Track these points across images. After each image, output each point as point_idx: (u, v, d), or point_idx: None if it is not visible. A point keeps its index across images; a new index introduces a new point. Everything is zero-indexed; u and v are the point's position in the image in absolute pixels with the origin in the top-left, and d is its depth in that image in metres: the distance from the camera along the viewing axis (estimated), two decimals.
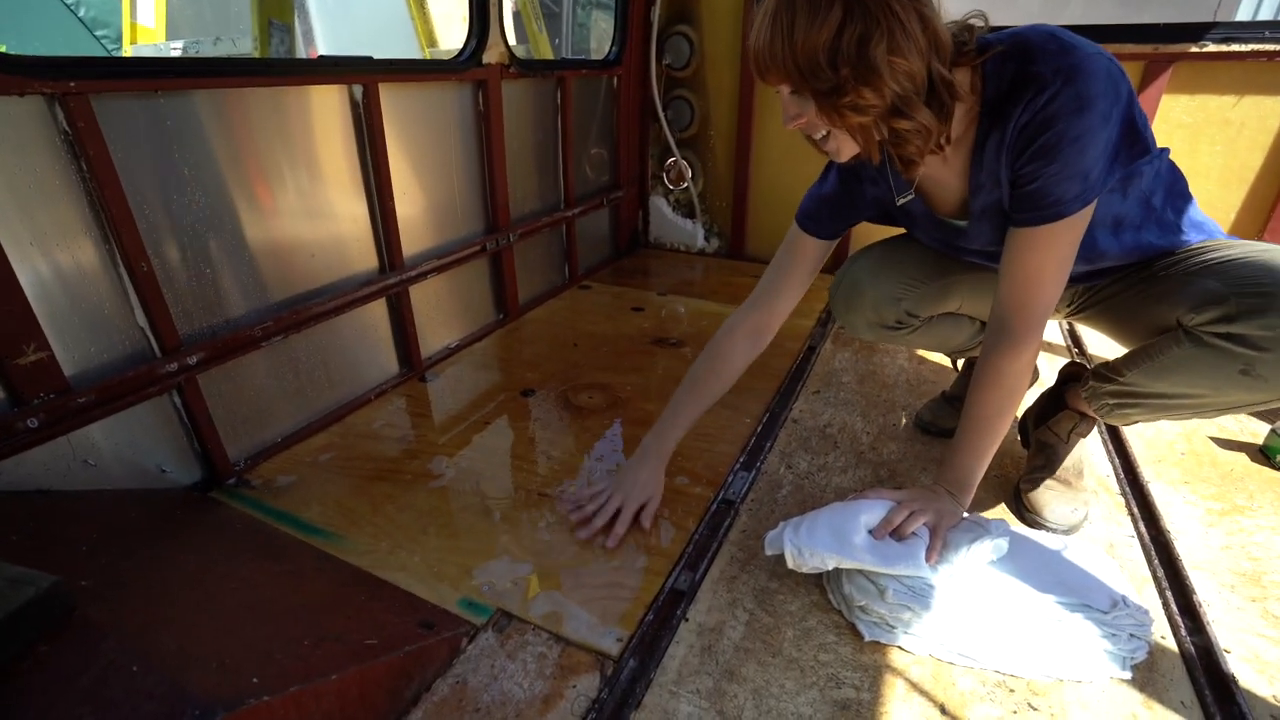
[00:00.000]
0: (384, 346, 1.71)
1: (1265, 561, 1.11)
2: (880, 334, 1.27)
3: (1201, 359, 0.94)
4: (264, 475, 1.34)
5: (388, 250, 1.63)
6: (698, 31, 2.50)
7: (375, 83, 1.47)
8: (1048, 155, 0.84)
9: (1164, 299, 1.00)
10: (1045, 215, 0.88)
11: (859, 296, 1.22)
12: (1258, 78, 1.82)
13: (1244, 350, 0.89)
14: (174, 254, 1.19)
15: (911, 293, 1.20)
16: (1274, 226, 1.92)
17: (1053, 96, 0.81)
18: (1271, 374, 0.89)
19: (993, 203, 0.96)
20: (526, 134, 2.09)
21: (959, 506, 1.03)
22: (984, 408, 1.00)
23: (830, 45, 0.76)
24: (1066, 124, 0.82)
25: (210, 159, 1.22)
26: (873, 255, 1.24)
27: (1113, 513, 1.24)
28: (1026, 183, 0.88)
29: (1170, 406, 1.04)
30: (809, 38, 0.77)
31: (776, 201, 2.61)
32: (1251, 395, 0.94)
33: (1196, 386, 0.98)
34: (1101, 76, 0.81)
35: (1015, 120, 0.85)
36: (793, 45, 0.78)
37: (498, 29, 1.80)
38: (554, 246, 2.35)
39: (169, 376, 1.17)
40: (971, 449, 1.02)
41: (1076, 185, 0.85)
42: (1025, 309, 0.95)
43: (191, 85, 1.15)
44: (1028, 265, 0.92)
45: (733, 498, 1.26)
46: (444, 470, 1.36)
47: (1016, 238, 0.93)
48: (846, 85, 0.78)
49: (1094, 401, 1.14)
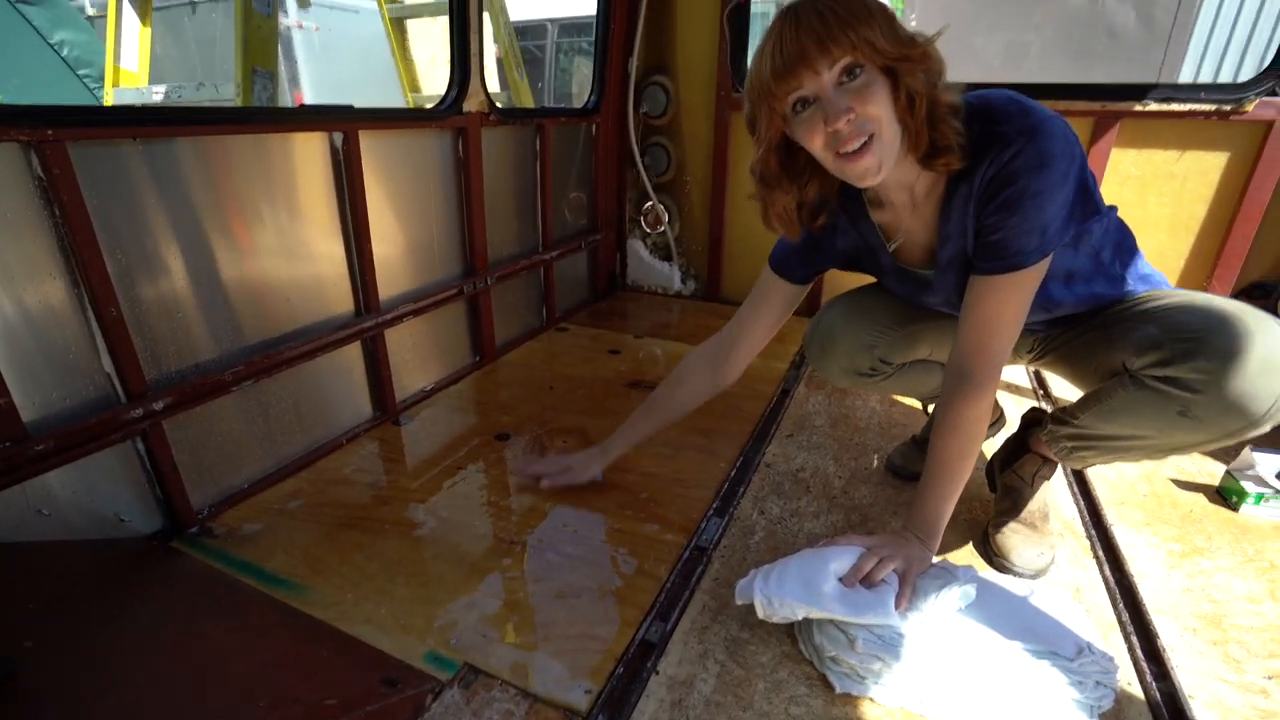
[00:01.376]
0: (358, 389, 1.70)
1: (1225, 604, 1.13)
2: (855, 380, 1.30)
3: (1144, 401, 0.99)
4: (229, 523, 1.31)
5: (364, 294, 1.63)
6: (674, 82, 2.59)
7: (355, 130, 1.50)
8: (1010, 208, 0.89)
9: (1112, 345, 1.05)
10: (1006, 265, 0.93)
11: (833, 345, 1.25)
12: (1197, 134, 1.93)
13: (1180, 392, 0.94)
14: (146, 298, 1.18)
15: (884, 339, 1.23)
16: (1220, 274, 2.01)
17: (1016, 153, 0.86)
18: (1206, 415, 0.93)
19: (958, 253, 1.00)
20: (506, 179, 2.12)
21: (927, 552, 1.04)
22: (946, 453, 1.02)
23: (886, 12, 0.82)
24: (1029, 180, 0.87)
25: (188, 204, 1.23)
26: (844, 304, 1.28)
27: (1079, 555, 1.26)
28: (990, 233, 0.92)
29: (1122, 448, 1.07)
30: (873, 13, 0.81)
31: (751, 246, 2.67)
32: (1192, 436, 0.97)
33: (1142, 428, 1.02)
34: (1060, 138, 0.87)
35: (982, 174, 0.90)
36: (870, 11, 0.81)
37: (478, 78, 1.85)
38: (532, 289, 2.37)
39: (133, 422, 1.15)
40: (935, 494, 1.04)
41: (1035, 239, 0.90)
42: (983, 354, 0.98)
43: (170, 133, 1.16)
44: (987, 311, 0.96)
45: (705, 544, 1.26)
46: (415, 517, 1.34)
47: (977, 285, 0.97)
48: (912, 43, 0.83)
49: (1053, 445, 1.17)
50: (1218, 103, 1.86)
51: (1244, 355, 0.88)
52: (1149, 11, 4.08)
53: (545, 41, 7.83)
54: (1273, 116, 1.81)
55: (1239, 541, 1.29)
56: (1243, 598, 1.14)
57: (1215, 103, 1.86)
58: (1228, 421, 0.92)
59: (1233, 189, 1.94)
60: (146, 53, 2.27)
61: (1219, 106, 1.86)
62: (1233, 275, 2.01)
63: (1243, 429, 0.91)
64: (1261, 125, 1.84)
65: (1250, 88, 1.82)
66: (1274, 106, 1.81)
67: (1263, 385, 0.87)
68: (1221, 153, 1.93)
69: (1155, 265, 1.94)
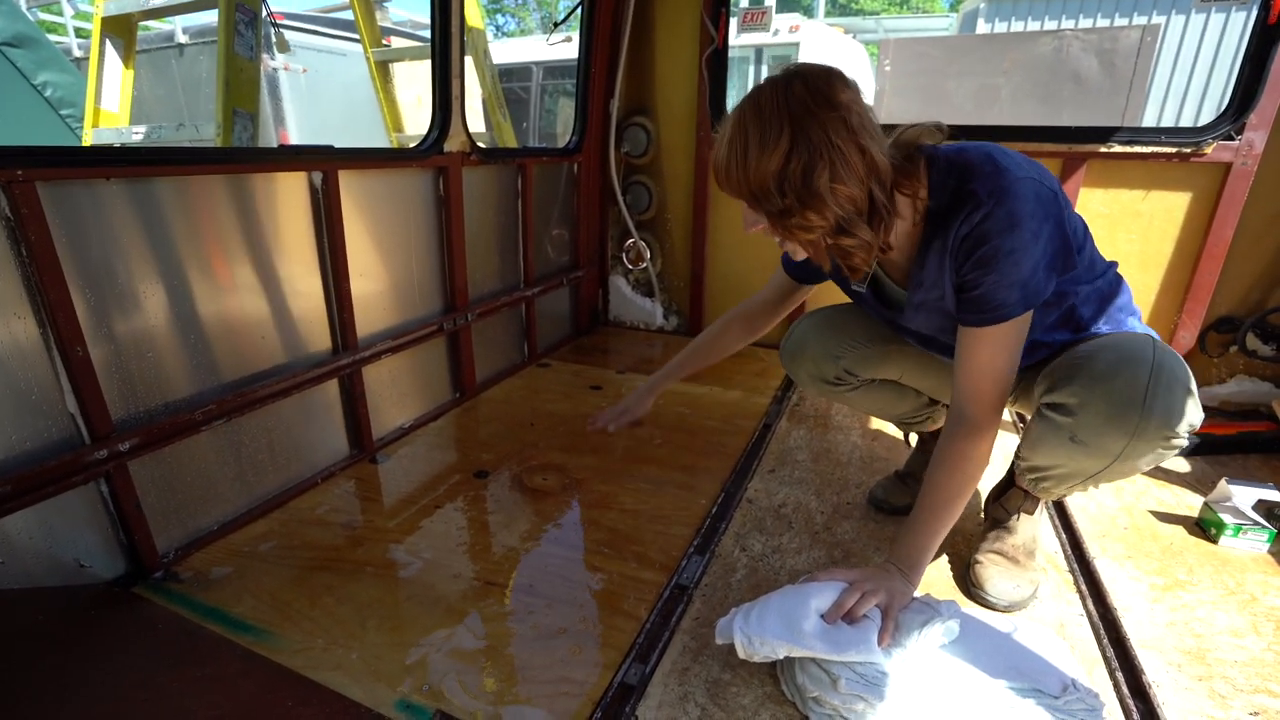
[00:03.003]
0: (334, 427, 1.67)
1: (1208, 638, 1.12)
2: (823, 389, 1.34)
3: (1045, 432, 1.04)
4: (196, 567, 1.27)
5: (341, 331, 1.62)
6: (654, 123, 2.65)
7: (335, 170, 1.51)
8: (986, 266, 0.92)
9: (1038, 375, 1.10)
10: (989, 318, 0.95)
11: (802, 351, 1.32)
12: (1161, 175, 2.00)
13: (1063, 418, 0.99)
14: (115, 337, 1.16)
15: (851, 352, 1.28)
16: (1189, 308, 2.05)
17: (986, 215, 0.89)
18: (1089, 438, 0.98)
19: (931, 299, 1.03)
20: (487, 217, 2.14)
21: (910, 585, 1.03)
22: (942, 490, 1.02)
23: (779, 173, 0.84)
24: (1000, 240, 0.90)
25: (162, 243, 1.22)
26: (820, 316, 1.34)
27: (1062, 590, 1.25)
28: (971, 289, 0.95)
29: (1063, 477, 1.10)
30: (760, 166, 0.84)
31: (732, 281, 2.70)
32: (1094, 461, 1.01)
33: (1055, 458, 1.06)
34: (1029, 199, 0.89)
35: (956, 230, 0.93)
36: (746, 171, 0.86)
37: (459, 119, 1.87)
38: (513, 325, 2.37)
39: (97, 464, 1.12)
40: (925, 529, 1.03)
41: (1015, 293, 0.92)
42: (979, 398, 1.00)
43: (144, 173, 1.16)
44: (979, 359, 0.99)
45: (686, 583, 1.23)
46: (390, 558, 1.31)
47: (966, 336, 0.99)
48: (794, 209, 0.86)
49: (1022, 478, 1.20)
50: (1178, 145, 1.93)
51: (1113, 375, 0.94)
52: (1110, 60, 4.27)
53: (530, 83, 8.01)
54: (1229, 159, 1.89)
55: (1220, 574, 1.29)
56: (1226, 631, 1.14)
57: (1176, 145, 1.94)
58: (1110, 441, 0.96)
59: (1197, 227, 2.01)
60: (128, 94, 2.29)
61: (1179, 149, 1.93)
62: (1202, 309, 2.05)
63: (1129, 446, 0.96)
64: (1220, 167, 1.91)
65: (1207, 132, 1.89)
66: (1230, 150, 1.88)
67: (1129, 399, 0.92)
68: (1184, 192, 2.00)
69: None
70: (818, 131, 0.82)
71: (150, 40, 5.49)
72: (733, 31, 2.49)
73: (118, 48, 2.21)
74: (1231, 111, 1.87)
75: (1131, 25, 5.13)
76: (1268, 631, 1.14)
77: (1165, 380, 0.93)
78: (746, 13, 2.32)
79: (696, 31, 2.44)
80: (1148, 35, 4.14)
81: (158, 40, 5.52)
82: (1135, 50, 4.22)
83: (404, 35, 6.29)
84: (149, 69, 5.50)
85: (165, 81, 5.93)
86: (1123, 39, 4.25)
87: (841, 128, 0.83)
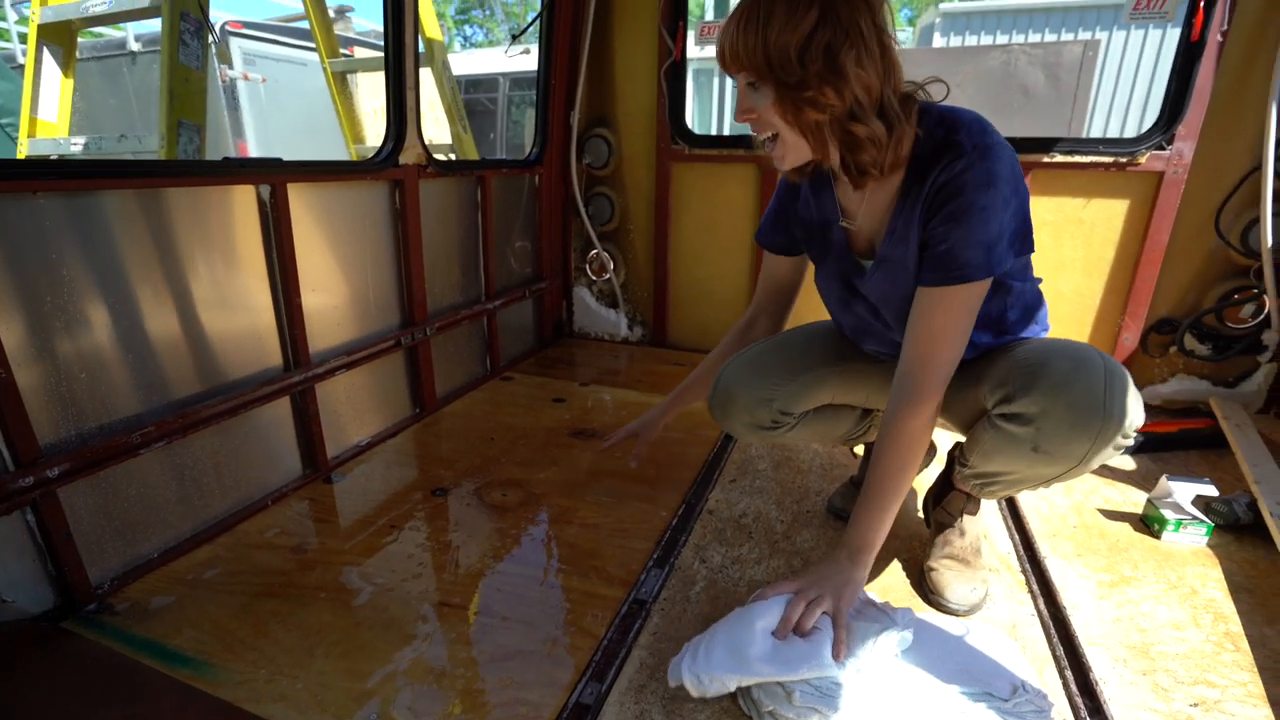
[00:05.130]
0: (286, 446, 1.62)
1: (1151, 632, 1.15)
2: (761, 435, 1.29)
3: (1003, 442, 1.04)
4: (133, 597, 1.22)
5: (293, 347, 1.58)
6: (615, 134, 2.66)
7: (283, 183, 1.47)
8: (956, 219, 0.92)
9: (979, 384, 1.10)
10: (951, 277, 0.95)
11: (731, 403, 1.26)
12: (1100, 184, 2.07)
13: (1024, 429, 1.00)
14: (46, 358, 1.11)
15: (780, 391, 1.24)
16: (1132, 310, 2.13)
17: (966, 166, 0.91)
18: (1054, 447, 0.99)
19: (898, 255, 1.03)
20: (447, 230, 2.12)
21: (858, 573, 1.02)
22: (884, 468, 1.02)
23: (802, 44, 0.85)
24: (974, 194, 0.91)
25: (99, 260, 1.18)
26: (741, 362, 1.28)
27: (1014, 590, 1.27)
28: (937, 243, 0.95)
29: (1013, 482, 1.12)
30: (783, 34, 0.86)
31: (695, 292, 2.71)
32: (1055, 468, 1.03)
33: (1013, 465, 1.07)
34: (1008, 164, 0.92)
35: (933, 179, 0.94)
36: (766, 38, 0.86)
37: (415, 131, 1.85)
38: (475, 338, 2.34)
39: (22, 492, 1.06)
40: (873, 506, 1.03)
41: (980, 254, 0.93)
42: (927, 365, 0.99)
43: (79, 187, 1.12)
44: (933, 323, 0.99)
45: (645, 597, 1.22)
46: (342, 582, 1.27)
47: (924, 298, 0.99)
48: (811, 81, 0.87)
49: (965, 482, 1.21)
50: (1114, 155, 2.01)
51: (1071, 383, 0.96)
52: (1055, 73, 4.43)
53: (497, 94, 8.00)
54: (1162, 168, 1.97)
55: (1162, 569, 1.33)
56: (1167, 625, 1.17)
57: (1113, 155, 2.01)
58: (1074, 447, 0.98)
59: (1135, 233, 2.08)
60: (67, 103, 2.20)
61: (1116, 159, 2.00)
62: (1143, 310, 2.13)
63: (1092, 450, 0.97)
64: (1154, 175, 1.99)
65: (1140, 142, 1.97)
66: (1162, 159, 1.96)
67: (1091, 404, 0.94)
68: (1122, 200, 2.07)
69: (1073, 305, 2.07)
70: (846, 11, 0.85)
71: (102, 48, 5.34)
72: (691, 44, 2.51)
73: (56, 55, 2.13)
74: (1162, 123, 1.95)
75: (1074, 41, 5.33)
76: (1206, 623, 1.17)
77: (1118, 383, 0.96)
78: (704, 25, 2.35)
79: (655, 44, 2.46)
80: (1089, 50, 4.31)
81: (109, 48, 5.37)
82: (1078, 64, 4.39)
83: (367, 45, 6.22)
84: (101, 77, 5.34)
85: (118, 90, 5.76)
86: (1066, 53, 4.41)
87: (869, 17, 0.87)
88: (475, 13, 29.36)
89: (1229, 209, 1.96)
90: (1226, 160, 1.93)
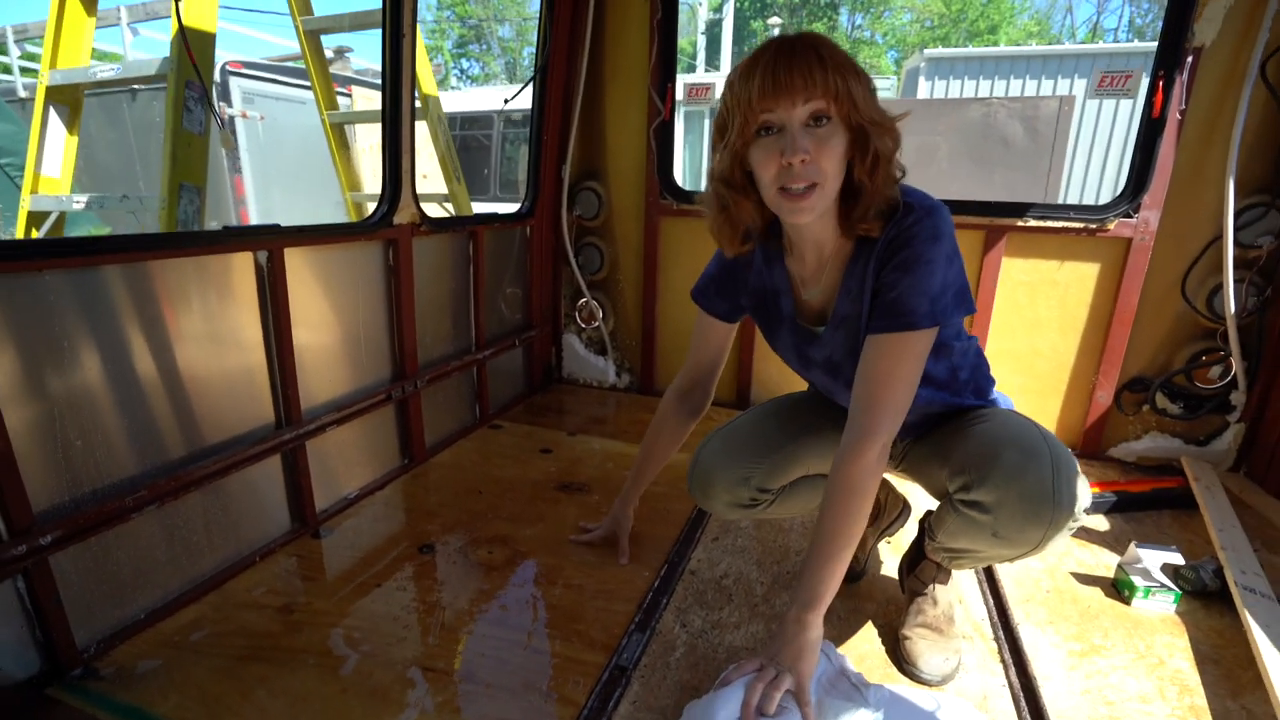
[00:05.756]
0: (275, 502, 1.64)
1: (1119, 705, 1.18)
2: (742, 513, 1.33)
3: (966, 525, 1.10)
4: (120, 661, 1.22)
5: (285, 405, 1.61)
6: (605, 187, 2.74)
7: (280, 248, 1.52)
8: (904, 268, 0.99)
9: (944, 462, 1.15)
10: (898, 324, 1.00)
11: (711, 485, 1.29)
12: (1072, 247, 2.16)
13: (983, 516, 1.06)
14: (41, 427, 1.14)
15: (758, 470, 1.26)
16: (1105, 369, 2.20)
17: (915, 221, 0.99)
18: (1012, 533, 1.05)
19: (851, 314, 1.08)
20: (439, 284, 2.17)
21: (811, 635, 1.00)
22: (832, 511, 1.02)
23: (868, 82, 0.94)
24: (922, 246, 0.98)
25: (97, 330, 1.21)
26: (717, 441, 1.32)
27: (986, 659, 1.30)
28: (887, 290, 1.01)
29: (979, 559, 1.18)
30: (851, 69, 0.92)
31: (682, 340, 2.76)
32: (1015, 549, 1.08)
33: (977, 545, 1.12)
34: (950, 227, 1.01)
35: (886, 234, 1.01)
36: (841, 69, 0.91)
37: (409, 192, 1.91)
38: (464, 387, 2.38)
39: (15, 560, 1.08)
40: (821, 556, 1.02)
41: (925, 303, 0.98)
42: (873, 408, 1.01)
43: (82, 264, 1.16)
44: (879, 369, 1.02)
45: (626, 663, 1.24)
46: (328, 644, 1.28)
47: (872, 345, 1.03)
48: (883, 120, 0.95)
49: (935, 554, 1.26)
50: (1085, 221, 2.09)
51: (1023, 474, 1.01)
52: (1034, 125, 4.60)
53: (491, 131, 8.15)
54: (1130, 234, 2.05)
55: (1131, 638, 1.36)
56: (1135, 697, 1.20)
57: (1083, 221, 2.10)
58: (1029, 534, 1.04)
59: (1107, 295, 2.16)
60: (71, 160, 2.26)
61: (1086, 224, 2.09)
62: (1116, 370, 2.20)
63: (1046, 535, 1.03)
64: (1122, 241, 2.08)
65: (1108, 210, 2.06)
66: (1130, 226, 2.05)
67: (1041, 495, 1.00)
68: (1094, 263, 2.16)
69: (1050, 362, 2.14)
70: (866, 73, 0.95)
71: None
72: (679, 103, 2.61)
73: (61, 114, 2.20)
74: (1128, 193, 2.04)
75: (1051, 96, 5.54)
76: (1172, 696, 1.20)
77: (1065, 471, 1.01)
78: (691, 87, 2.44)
79: (645, 103, 2.56)
80: (1065, 105, 4.48)
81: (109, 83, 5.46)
82: (1055, 117, 4.56)
83: (364, 84, 6.37)
84: (100, 113, 5.43)
85: (117, 124, 5.85)
86: (1043, 107, 4.59)
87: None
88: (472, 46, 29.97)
89: (1194, 275, 2.05)
90: (1190, 228, 2.02)
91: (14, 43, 6.63)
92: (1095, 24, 25.23)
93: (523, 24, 27.59)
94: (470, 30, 28.88)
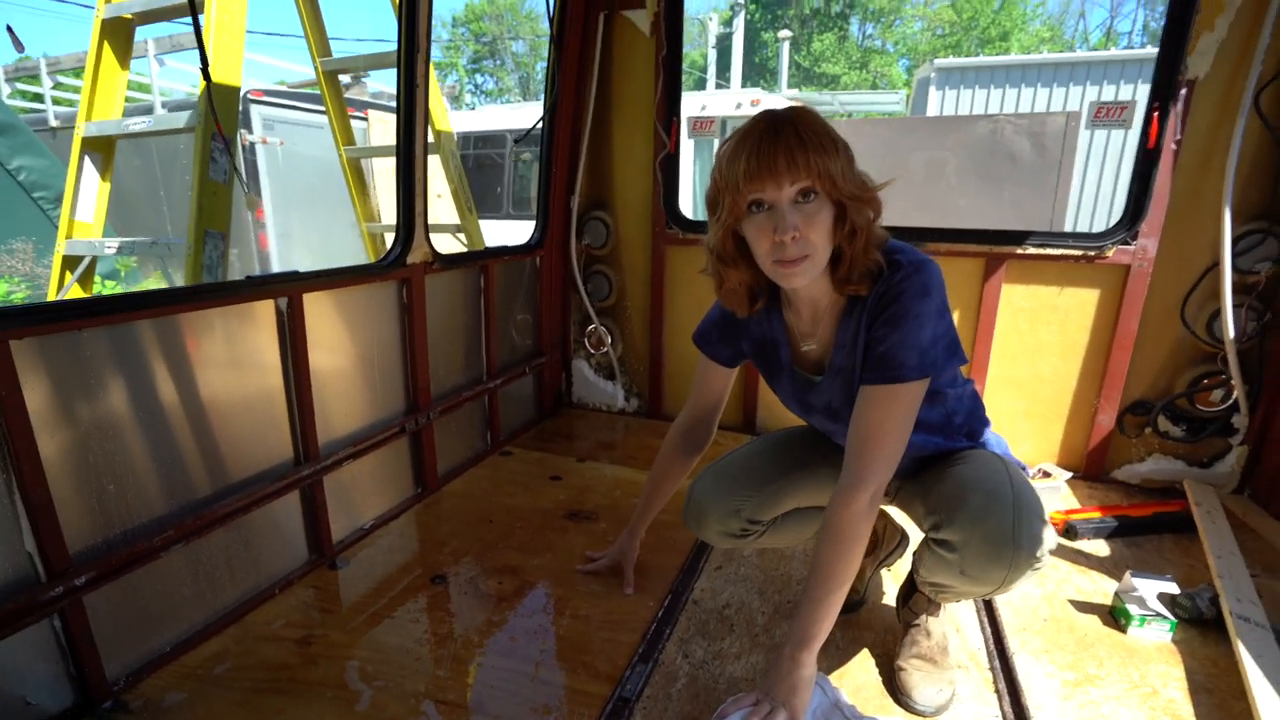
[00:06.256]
0: (294, 536, 1.71)
1: None
2: (734, 543, 1.40)
3: (938, 562, 1.15)
4: (147, 694, 1.29)
5: (303, 443, 1.68)
6: (613, 217, 2.81)
7: (299, 294, 1.60)
8: (894, 323, 1.03)
9: (922, 501, 1.21)
10: (887, 377, 1.05)
11: (704, 516, 1.37)
12: (1072, 274, 2.19)
13: (951, 555, 1.11)
14: (77, 476, 1.22)
15: (749, 502, 1.34)
16: (1107, 393, 2.21)
17: (904, 277, 1.04)
18: (977, 572, 1.09)
19: (847, 366, 1.14)
20: (452, 317, 2.24)
21: (804, 672, 1.05)
22: (825, 554, 1.06)
23: (847, 157, 1.00)
24: (910, 301, 1.03)
25: (129, 380, 1.29)
26: (711, 474, 1.40)
27: (981, 689, 1.33)
28: (877, 344, 1.06)
29: (957, 594, 1.22)
30: (829, 150, 0.97)
31: (688, 366, 2.82)
32: (983, 587, 1.13)
33: (950, 581, 1.17)
34: (939, 283, 1.05)
35: (876, 290, 1.06)
36: (821, 150, 0.96)
37: (423, 232, 1.99)
38: (476, 415, 2.45)
39: (52, 601, 1.15)
40: (815, 596, 1.06)
41: (914, 357, 1.03)
42: (864, 455, 1.06)
43: (115, 320, 1.24)
44: (870, 419, 1.07)
45: (629, 695, 1.29)
46: (343, 677, 1.34)
47: (864, 396, 1.08)
48: (862, 192, 1.01)
49: (921, 587, 1.30)
50: (1084, 248, 2.12)
51: (985, 518, 1.06)
52: (1040, 141, 4.61)
53: (504, 149, 8.29)
54: (1128, 261, 2.08)
55: (1126, 667, 1.38)
56: None
57: (1082, 248, 2.13)
58: (993, 573, 1.08)
59: (1107, 320, 2.18)
60: (104, 206, 2.38)
61: (1085, 252, 2.12)
62: (1117, 394, 2.21)
63: (1008, 577, 1.08)
64: (1121, 268, 2.10)
65: (1107, 237, 2.09)
66: (1128, 253, 2.07)
67: (1001, 539, 1.05)
68: (1093, 289, 2.18)
69: (1052, 386, 2.17)
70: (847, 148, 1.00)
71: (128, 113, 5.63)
72: (683, 136, 2.68)
73: (95, 162, 2.32)
74: (1126, 220, 2.07)
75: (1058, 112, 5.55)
76: None
77: (1026, 515, 1.05)
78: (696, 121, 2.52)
79: (651, 137, 2.63)
80: (1071, 120, 4.49)
81: (136, 113, 5.66)
82: (1061, 133, 4.56)
83: (380, 108, 6.53)
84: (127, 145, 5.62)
85: (142, 153, 6.05)
86: (1050, 123, 4.60)
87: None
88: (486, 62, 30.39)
89: (1193, 300, 2.06)
90: (1188, 255, 2.05)
91: (47, 74, 6.90)
92: (1109, 28, 25.06)
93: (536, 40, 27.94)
94: (484, 46, 29.33)
